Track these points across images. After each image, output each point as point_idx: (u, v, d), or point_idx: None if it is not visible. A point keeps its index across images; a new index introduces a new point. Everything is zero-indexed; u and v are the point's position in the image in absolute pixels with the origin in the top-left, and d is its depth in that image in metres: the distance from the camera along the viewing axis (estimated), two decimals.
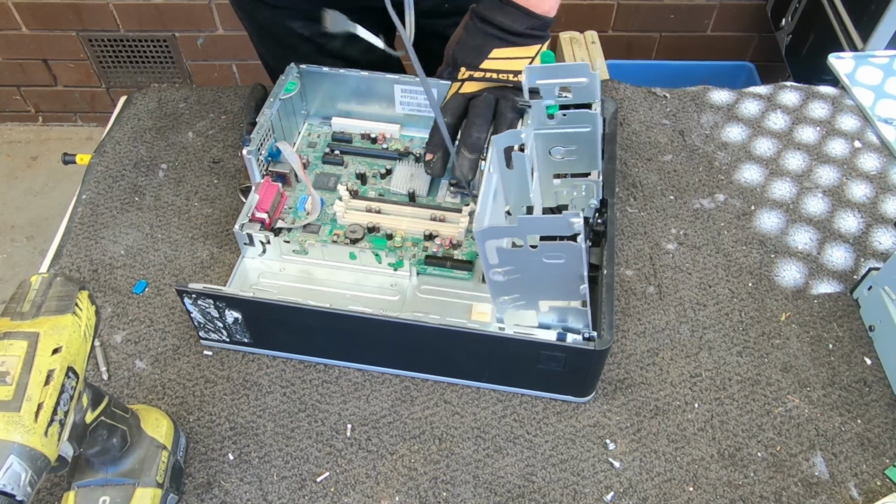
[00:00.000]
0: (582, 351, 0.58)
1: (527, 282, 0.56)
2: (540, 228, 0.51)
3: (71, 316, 0.45)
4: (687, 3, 1.75)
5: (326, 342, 0.65)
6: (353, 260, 0.71)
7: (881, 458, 0.62)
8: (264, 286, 0.71)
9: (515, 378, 0.65)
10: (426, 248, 0.72)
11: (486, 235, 0.52)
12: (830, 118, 0.90)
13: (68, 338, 0.44)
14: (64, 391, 0.43)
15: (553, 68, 0.55)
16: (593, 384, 0.64)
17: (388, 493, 0.60)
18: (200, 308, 0.63)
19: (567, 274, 0.54)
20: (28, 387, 0.41)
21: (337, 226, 0.73)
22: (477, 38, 0.69)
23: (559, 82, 0.55)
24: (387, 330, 0.61)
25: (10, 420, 0.40)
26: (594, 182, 0.64)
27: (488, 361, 0.63)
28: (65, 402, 0.43)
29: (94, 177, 0.83)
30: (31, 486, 0.40)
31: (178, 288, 0.62)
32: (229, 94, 0.92)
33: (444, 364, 0.65)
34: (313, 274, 0.72)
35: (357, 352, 0.66)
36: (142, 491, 0.54)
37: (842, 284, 0.74)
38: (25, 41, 1.85)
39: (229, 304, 0.62)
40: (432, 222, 0.73)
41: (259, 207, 0.70)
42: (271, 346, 0.68)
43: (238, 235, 0.70)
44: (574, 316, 0.59)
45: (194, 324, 0.66)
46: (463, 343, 0.61)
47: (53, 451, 0.42)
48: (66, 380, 0.44)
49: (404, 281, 0.71)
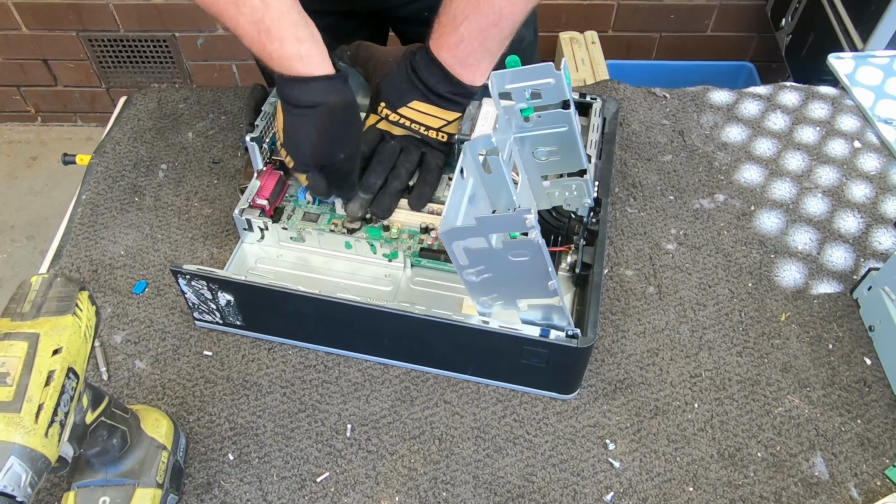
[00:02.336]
0: (564, 348, 0.59)
1: (500, 281, 0.57)
2: (498, 227, 0.52)
3: (71, 317, 0.45)
4: (687, 3, 1.75)
5: (316, 328, 0.67)
6: (348, 249, 0.72)
7: (881, 458, 0.62)
8: (261, 271, 0.72)
9: (500, 372, 0.65)
10: (422, 241, 0.72)
11: (450, 237, 0.53)
12: (830, 118, 0.90)
13: (68, 338, 0.44)
14: (64, 392, 0.43)
15: (520, 72, 0.56)
16: (578, 381, 0.65)
17: (388, 493, 0.60)
18: (194, 289, 0.65)
19: (535, 271, 0.54)
20: (28, 388, 0.41)
21: (336, 216, 0.73)
22: (403, 83, 0.70)
23: (526, 85, 0.56)
24: (374, 318, 0.62)
25: (10, 421, 0.40)
26: (584, 181, 0.64)
27: (473, 354, 0.64)
28: (65, 402, 0.43)
29: (94, 177, 0.83)
30: (31, 487, 0.40)
31: (173, 268, 0.63)
32: (229, 95, 0.92)
33: (430, 355, 0.66)
34: (310, 262, 0.73)
35: (345, 339, 0.67)
36: (142, 491, 0.54)
37: (842, 284, 0.74)
38: (25, 41, 1.85)
39: (221, 286, 0.64)
40: (429, 215, 0.73)
41: (259, 194, 0.71)
42: (262, 330, 0.69)
43: (237, 220, 0.71)
44: (557, 313, 0.60)
45: (188, 304, 0.67)
46: (448, 335, 0.61)
47: (54, 452, 0.42)
48: (66, 380, 0.44)
49: (398, 272, 0.72)
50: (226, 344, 0.69)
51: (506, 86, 0.57)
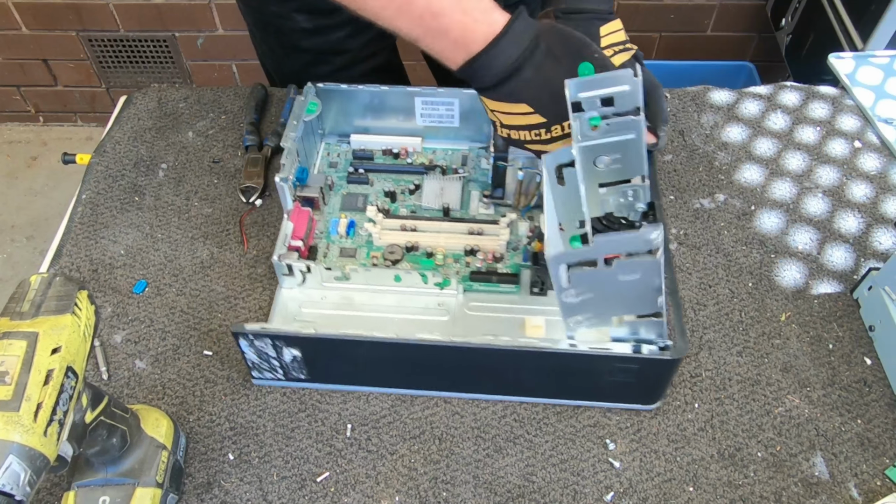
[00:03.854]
0: (657, 361, 0.58)
1: (600, 300, 0.55)
2: (616, 248, 0.50)
3: (70, 316, 0.45)
4: (687, 3, 1.75)
5: (392, 372, 0.64)
6: (397, 282, 0.69)
7: (881, 458, 0.62)
8: (309, 317, 0.69)
9: (584, 392, 0.64)
10: (468, 264, 0.71)
11: (559, 261, 0.51)
12: (830, 118, 0.90)
13: (67, 337, 0.44)
14: (63, 391, 0.43)
15: (595, 80, 0.52)
16: (664, 391, 0.64)
17: (388, 493, 0.60)
18: (257, 349, 0.61)
19: (643, 288, 0.53)
20: (27, 386, 0.41)
21: (374, 248, 0.71)
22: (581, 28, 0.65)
23: (602, 93, 0.53)
24: (456, 355, 0.59)
25: (9, 420, 0.40)
26: (642, 187, 0.62)
27: (558, 378, 0.62)
28: (64, 401, 0.43)
29: (94, 177, 0.83)
30: (30, 486, 0.40)
31: (235, 330, 0.59)
32: (229, 94, 0.92)
33: (513, 384, 0.64)
34: (354, 300, 0.70)
35: (423, 379, 0.64)
36: (142, 491, 0.54)
37: (842, 284, 0.74)
38: (25, 41, 1.85)
39: (288, 342, 0.60)
40: (471, 236, 0.72)
41: (293, 236, 0.69)
42: (330, 380, 0.65)
43: (277, 266, 0.68)
44: (646, 326, 0.58)
45: (247, 364, 0.63)
46: (535, 362, 0.60)
47: (53, 451, 0.42)
48: (65, 379, 0.44)
49: (450, 299, 0.69)
50: (226, 344, 0.69)
51: (579, 95, 0.53)
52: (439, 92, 0.77)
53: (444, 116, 0.79)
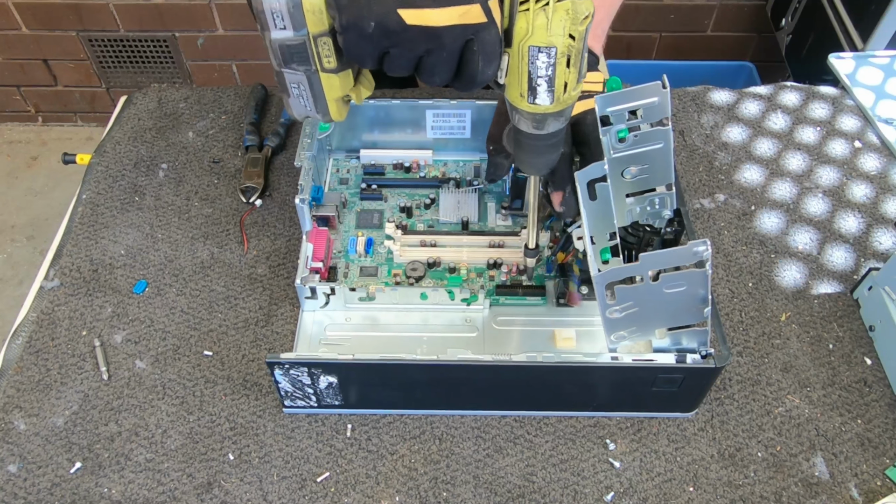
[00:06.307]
0: (701, 370, 0.58)
1: (644, 314, 0.55)
2: (663, 263, 0.50)
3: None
4: (687, 3, 1.75)
5: (429, 394, 0.63)
6: (424, 300, 0.68)
7: (881, 458, 0.62)
8: (335, 339, 0.68)
9: (626, 403, 0.63)
10: (492, 278, 0.70)
11: (606, 278, 0.51)
12: (831, 118, 0.90)
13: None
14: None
15: (624, 94, 0.52)
16: (702, 398, 0.64)
17: (388, 493, 0.60)
18: (291, 377, 0.60)
19: (689, 299, 0.53)
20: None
21: (394, 265, 0.71)
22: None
23: (631, 106, 0.53)
24: (498, 374, 0.59)
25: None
26: (669, 195, 0.62)
27: (600, 391, 0.62)
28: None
29: (94, 177, 0.83)
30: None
31: (270, 360, 0.57)
32: (229, 94, 0.92)
33: (555, 399, 0.63)
34: (379, 319, 0.69)
35: (461, 399, 0.64)
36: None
37: (842, 284, 0.74)
38: (25, 41, 1.85)
39: (325, 369, 0.59)
40: (493, 249, 0.71)
41: (314, 257, 0.67)
42: (364, 405, 0.64)
43: (300, 290, 0.67)
44: (688, 336, 0.58)
45: (280, 394, 0.62)
46: (578, 376, 0.59)
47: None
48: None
49: (476, 315, 0.69)
50: (226, 344, 0.69)
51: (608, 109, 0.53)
52: (451, 104, 0.77)
53: (456, 128, 0.79)
